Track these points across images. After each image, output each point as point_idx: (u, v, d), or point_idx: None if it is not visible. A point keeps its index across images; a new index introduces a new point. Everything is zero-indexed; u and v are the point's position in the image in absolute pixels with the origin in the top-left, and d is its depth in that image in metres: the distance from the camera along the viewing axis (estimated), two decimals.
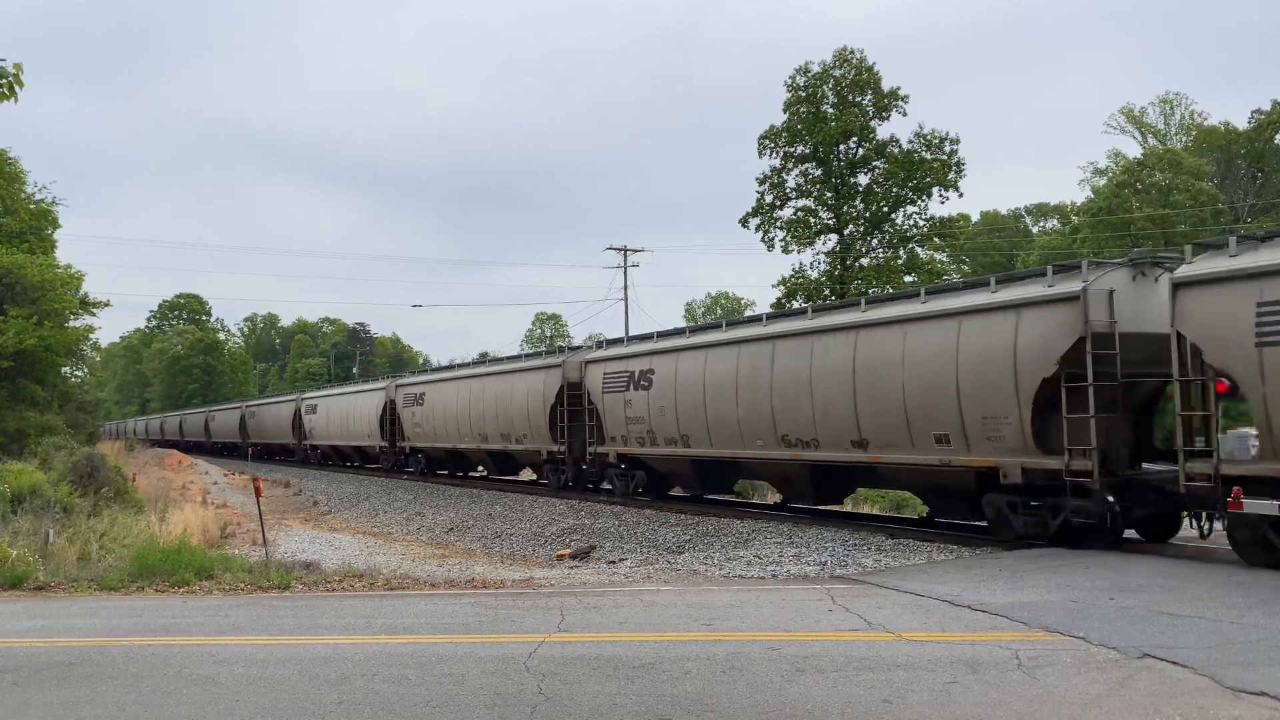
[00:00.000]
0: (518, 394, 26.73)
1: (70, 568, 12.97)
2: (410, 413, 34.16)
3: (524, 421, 26.28)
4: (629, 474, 22.32)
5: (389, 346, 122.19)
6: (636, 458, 21.93)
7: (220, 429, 65.01)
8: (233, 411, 63.16)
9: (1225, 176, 53.92)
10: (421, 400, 33.37)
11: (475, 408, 29.09)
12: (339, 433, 42.39)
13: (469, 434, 29.64)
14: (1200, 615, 8.27)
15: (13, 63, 5.86)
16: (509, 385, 27.39)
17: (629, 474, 22.32)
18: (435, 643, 8.19)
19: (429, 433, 32.80)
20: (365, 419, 38.64)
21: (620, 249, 52.35)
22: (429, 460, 34.26)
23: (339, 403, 42.70)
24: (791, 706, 6.05)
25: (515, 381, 27.17)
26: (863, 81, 40.48)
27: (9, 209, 36.99)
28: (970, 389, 13.80)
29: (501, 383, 27.89)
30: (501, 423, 27.57)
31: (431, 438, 32.71)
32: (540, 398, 25.33)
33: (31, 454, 28.10)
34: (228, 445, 62.52)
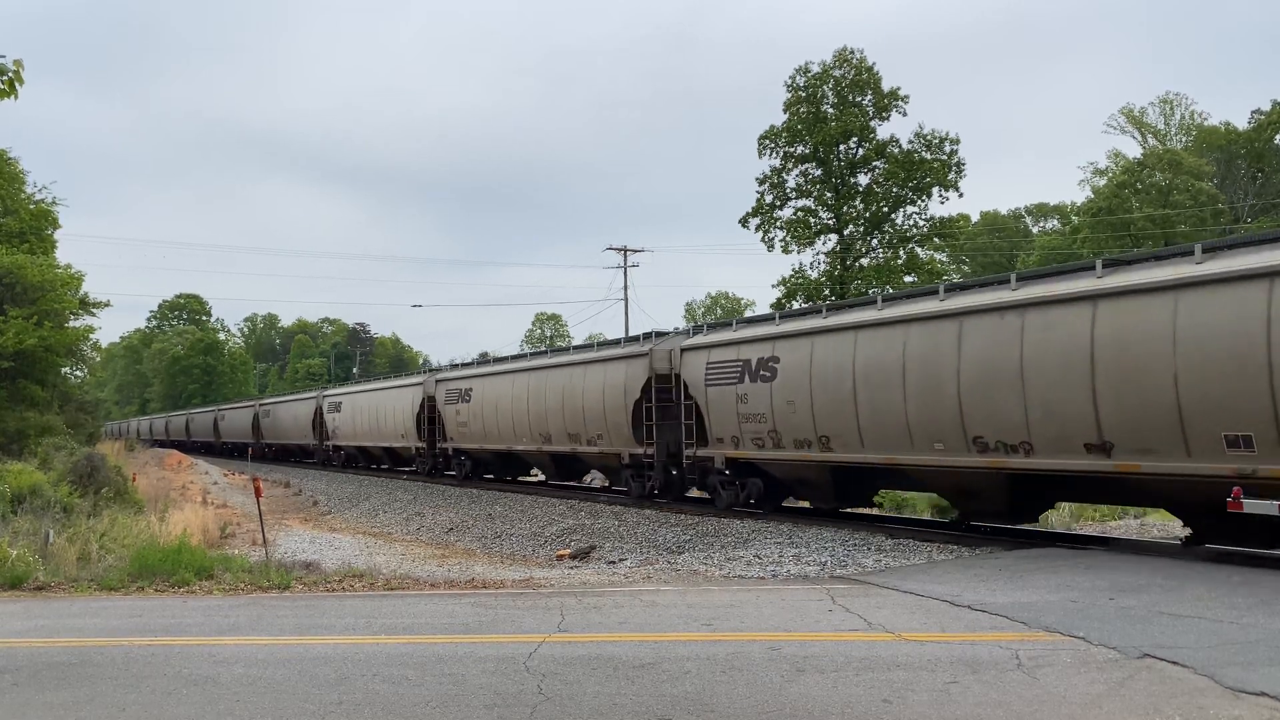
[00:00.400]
0: (592, 388, 23.06)
1: (70, 568, 12.97)
2: (453, 410, 30.59)
3: (598, 419, 22.73)
4: (739, 482, 18.88)
5: (389, 346, 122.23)
6: (751, 463, 18.45)
7: (231, 429, 62.05)
8: (245, 410, 60.33)
9: (1225, 176, 53.93)
10: (468, 396, 29.74)
11: (536, 404, 25.49)
12: (367, 433, 38.70)
13: (527, 434, 26.06)
14: (1200, 615, 8.27)
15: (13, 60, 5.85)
16: (580, 378, 23.69)
17: (739, 482, 18.88)
18: (435, 643, 8.19)
19: (476, 432, 29.21)
20: (399, 417, 34.98)
21: (620, 249, 52.41)
22: (475, 463, 30.79)
23: (367, 400, 38.78)
24: (791, 706, 6.05)
25: (589, 374, 23.39)
26: (863, 81, 40.48)
27: (9, 209, 36.99)
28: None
29: (570, 375, 24.20)
30: (570, 421, 23.96)
31: (479, 438, 29.16)
32: (621, 391, 21.75)
33: (31, 454, 28.12)
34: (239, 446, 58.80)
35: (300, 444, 48.48)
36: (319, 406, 44.75)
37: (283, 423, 50.92)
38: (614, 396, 22.09)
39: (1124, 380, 11.89)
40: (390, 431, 36.19)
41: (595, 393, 22.91)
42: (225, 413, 64.72)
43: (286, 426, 50.32)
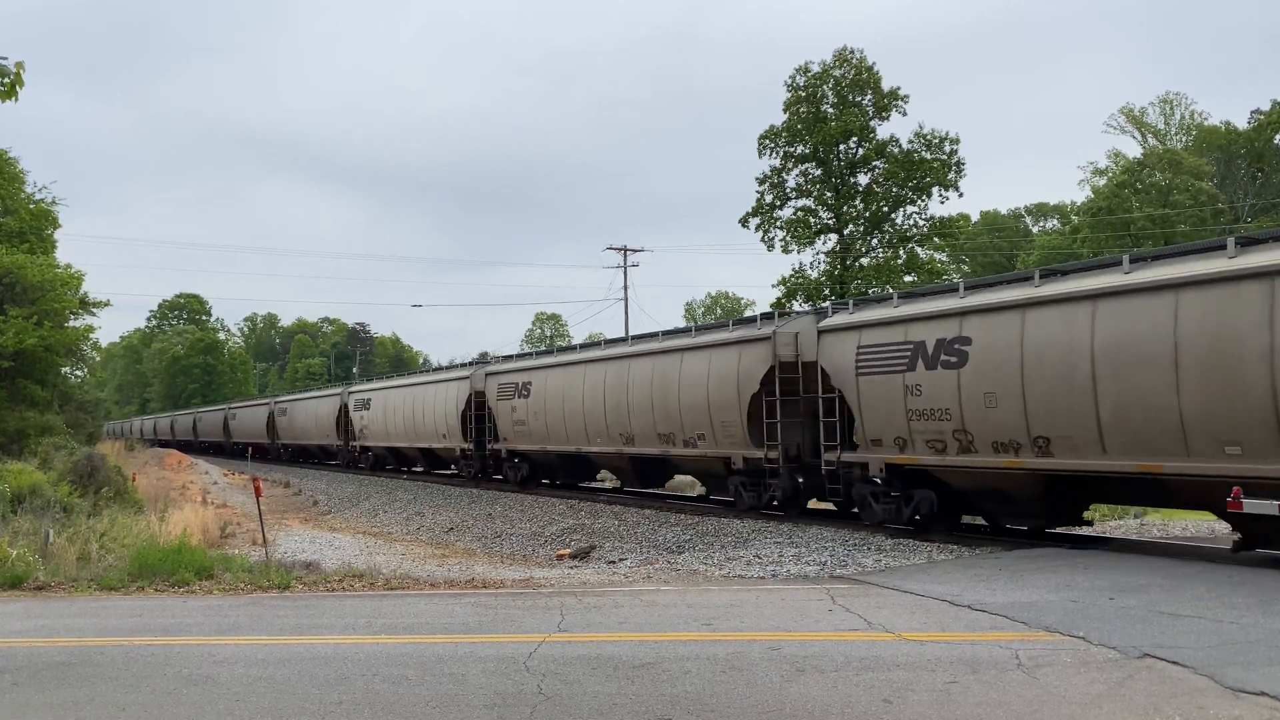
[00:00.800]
0: (692, 380, 19.42)
1: (70, 568, 12.97)
2: (508, 407, 27.02)
3: (700, 417, 19.10)
4: (900, 493, 15.52)
5: (389, 346, 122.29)
6: (923, 470, 14.98)
7: (243, 429, 58.23)
8: (258, 409, 56.55)
9: (1225, 176, 53.94)
10: (526, 391, 26.07)
11: (615, 399, 21.93)
12: (402, 432, 34.88)
13: (602, 433, 22.57)
14: (1200, 615, 8.27)
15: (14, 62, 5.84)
16: (675, 368, 20.15)
17: (900, 493, 15.52)
18: (435, 643, 8.19)
19: (536, 432, 25.52)
20: (440, 415, 31.41)
21: (620, 249, 52.39)
22: (533, 466, 26.97)
23: (402, 396, 34.63)
24: (791, 706, 6.05)
25: (688, 362, 19.81)
26: (862, 81, 40.52)
27: (9, 209, 37.03)
28: None
29: (662, 365, 20.58)
30: (660, 419, 20.34)
31: (540, 438, 25.40)
32: (733, 383, 18.20)
33: (31, 454, 28.14)
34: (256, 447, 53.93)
35: (321, 444, 45.10)
36: (344, 404, 41.12)
37: (302, 422, 47.23)
38: (723, 389, 18.65)
39: None
40: (430, 431, 32.47)
41: (697, 385, 19.42)
42: (236, 411, 61.34)
43: (306, 426, 46.61)
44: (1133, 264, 12.52)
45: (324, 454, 45.71)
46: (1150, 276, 11.94)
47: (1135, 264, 12.51)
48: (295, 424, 48.47)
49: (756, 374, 17.78)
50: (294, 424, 48.76)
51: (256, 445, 53.55)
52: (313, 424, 45.71)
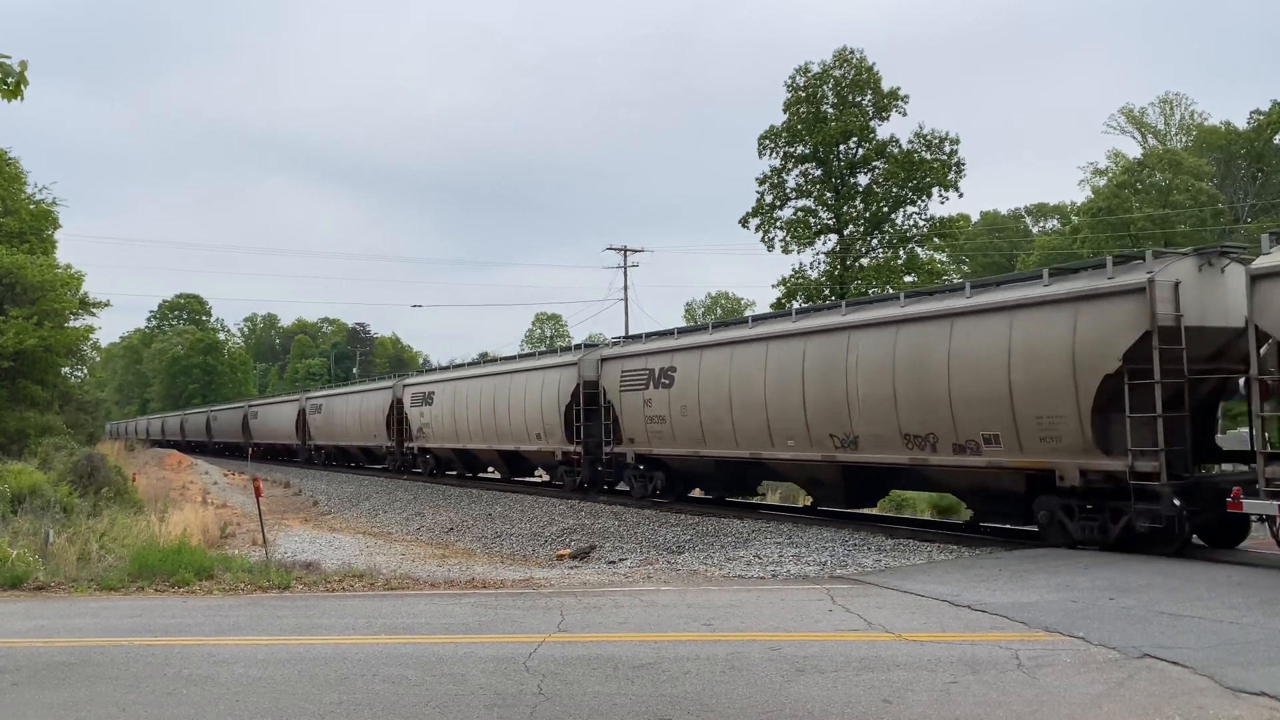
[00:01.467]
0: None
1: (70, 568, 12.97)
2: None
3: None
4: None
5: (389, 346, 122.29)
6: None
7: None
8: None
9: (1225, 176, 53.94)
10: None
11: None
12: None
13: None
14: (1200, 615, 8.27)
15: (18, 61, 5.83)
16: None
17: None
18: (435, 643, 8.20)
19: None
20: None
21: (620, 249, 52.37)
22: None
23: (479, 388, 28.94)
24: (791, 706, 6.05)
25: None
26: (862, 81, 40.50)
27: (9, 209, 37.03)
28: None
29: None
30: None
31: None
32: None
33: (31, 454, 28.13)
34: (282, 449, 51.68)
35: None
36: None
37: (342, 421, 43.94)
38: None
39: None
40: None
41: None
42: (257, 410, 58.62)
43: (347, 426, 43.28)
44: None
45: (368, 457, 41.23)
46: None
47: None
48: (333, 422, 43.28)
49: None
50: (331, 422, 43.57)
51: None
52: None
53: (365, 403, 39.48)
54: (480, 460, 31.58)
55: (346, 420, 41.85)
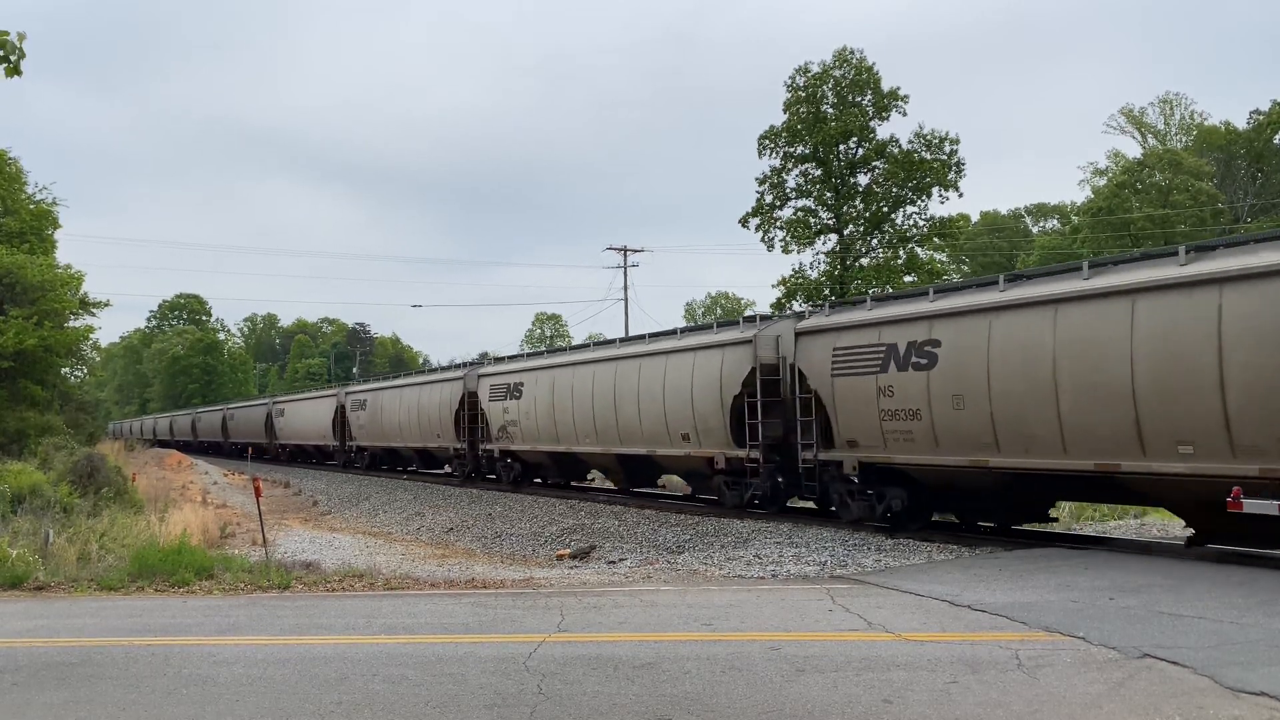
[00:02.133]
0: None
1: (70, 568, 12.98)
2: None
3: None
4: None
5: (389, 346, 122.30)
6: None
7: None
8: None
9: (1225, 176, 53.93)
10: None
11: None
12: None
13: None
14: (1200, 615, 8.27)
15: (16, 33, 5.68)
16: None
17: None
18: (435, 643, 8.20)
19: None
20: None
21: (620, 249, 52.39)
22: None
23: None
24: (791, 706, 6.05)
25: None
26: (862, 81, 40.49)
27: (9, 209, 37.06)
28: None
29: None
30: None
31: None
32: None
33: (31, 454, 28.15)
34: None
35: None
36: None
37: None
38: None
39: None
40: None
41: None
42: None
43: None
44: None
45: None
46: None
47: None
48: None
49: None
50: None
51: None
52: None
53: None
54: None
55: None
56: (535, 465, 26.87)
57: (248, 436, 55.98)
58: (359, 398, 39.88)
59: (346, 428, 40.93)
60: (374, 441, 38.13)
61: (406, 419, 34.16)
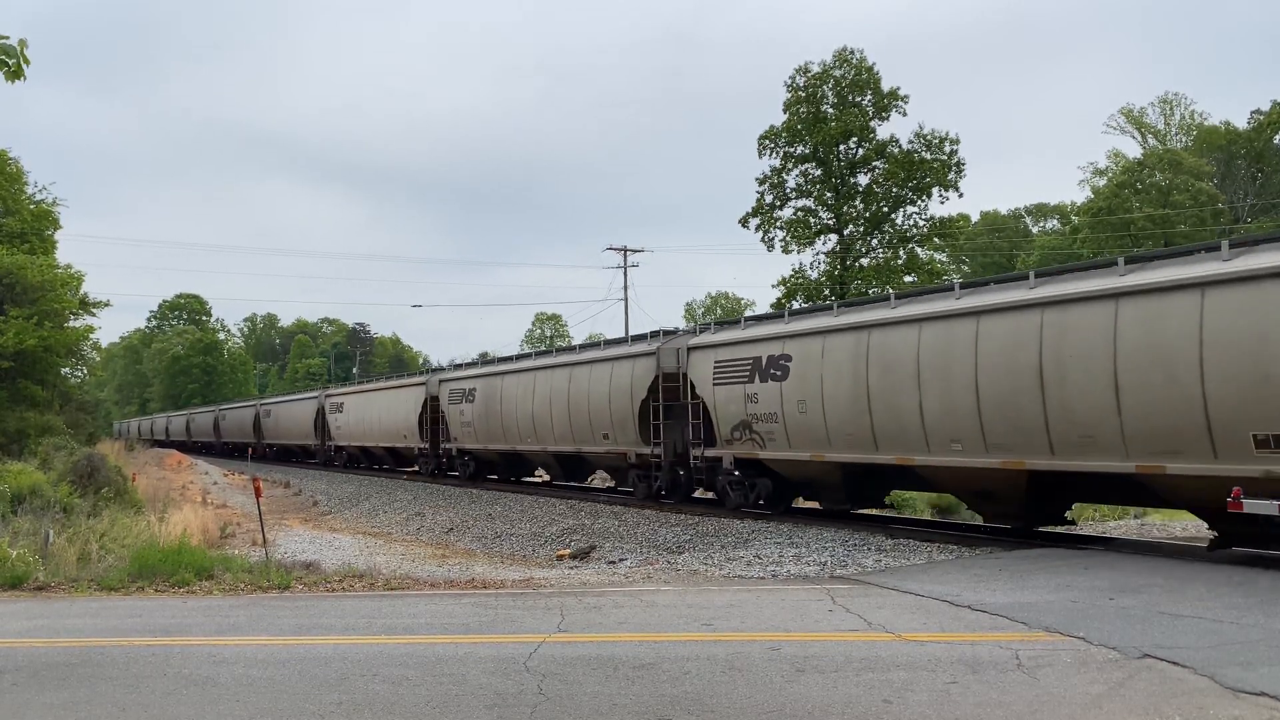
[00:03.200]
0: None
1: (70, 568, 12.97)
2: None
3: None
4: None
5: (389, 346, 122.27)
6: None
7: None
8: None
9: (1225, 176, 53.93)
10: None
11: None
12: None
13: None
14: (1200, 615, 8.27)
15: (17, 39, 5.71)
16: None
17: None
18: (435, 643, 8.20)
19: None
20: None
21: (620, 249, 52.37)
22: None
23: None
24: (792, 706, 6.05)
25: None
26: (862, 81, 40.48)
27: (10, 209, 37.07)
28: None
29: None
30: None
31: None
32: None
33: (31, 454, 28.14)
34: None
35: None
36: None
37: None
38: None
39: None
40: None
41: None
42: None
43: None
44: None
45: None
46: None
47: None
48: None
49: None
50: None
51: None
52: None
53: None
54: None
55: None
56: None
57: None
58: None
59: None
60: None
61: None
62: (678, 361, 20.14)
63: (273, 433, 52.19)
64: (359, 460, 41.66)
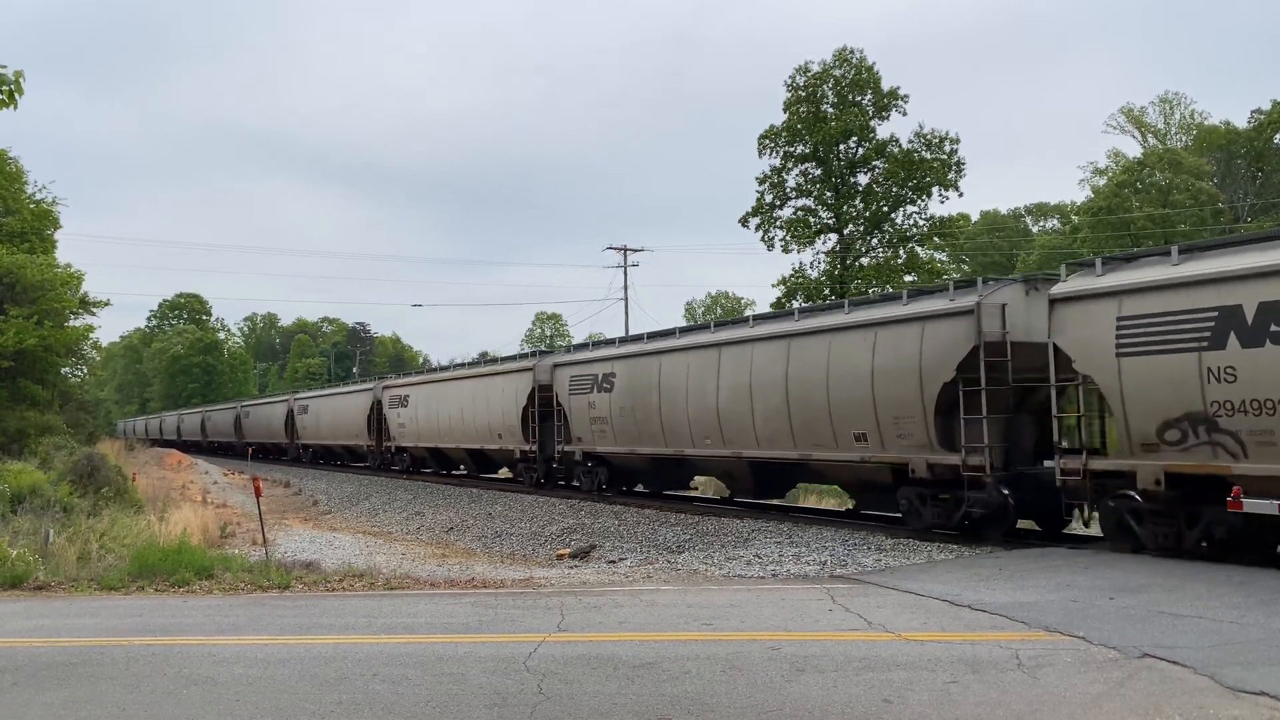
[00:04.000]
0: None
1: (70, 567, 12.97)
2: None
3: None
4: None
5: (389, 346, 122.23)
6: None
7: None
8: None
9: (1225, 176, 53.91)
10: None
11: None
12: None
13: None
14: (1200, 615, 8.27)
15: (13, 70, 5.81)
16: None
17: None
18: (435, 642, 8.20)
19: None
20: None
21: (620, 249, 52.36)
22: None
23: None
24: (791, 706, 6.05)
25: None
26: (862, 81, 40.49)
27: (10, 209, 37.07)
28: None
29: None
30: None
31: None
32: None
33: (31, 454, 28.14)
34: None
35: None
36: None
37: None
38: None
39: None
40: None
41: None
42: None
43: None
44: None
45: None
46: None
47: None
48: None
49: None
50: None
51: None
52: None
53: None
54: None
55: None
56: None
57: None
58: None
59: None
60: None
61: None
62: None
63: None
64: (425, 464, 35.49)
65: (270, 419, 52.76)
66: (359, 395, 40.09)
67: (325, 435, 44.46)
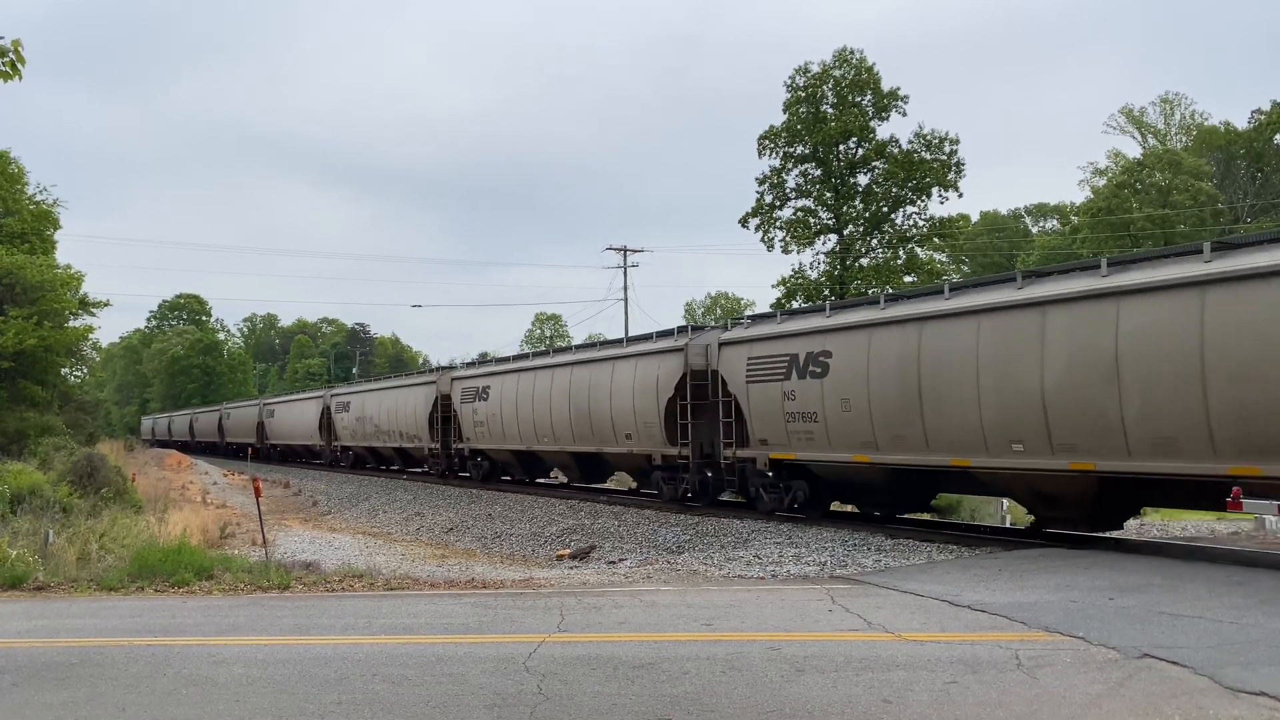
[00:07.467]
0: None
1: (70, 568, 12.97)
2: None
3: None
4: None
5: (389, 346, 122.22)
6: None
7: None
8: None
9: (1225, 176, 53.91)
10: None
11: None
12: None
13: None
14: (1200, 615, 8.27)
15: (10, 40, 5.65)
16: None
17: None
18: (435, 643, 8.19)
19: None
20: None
21: (620, 249, 52.36)
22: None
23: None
24: (791, 706, 6.05)
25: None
26: (862, 81, 40.47)
27: (10, 210, 37.07)
28: None
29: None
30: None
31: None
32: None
33: (31, 454, 28.14)
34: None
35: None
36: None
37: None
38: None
39: None
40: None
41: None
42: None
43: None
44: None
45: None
46: None
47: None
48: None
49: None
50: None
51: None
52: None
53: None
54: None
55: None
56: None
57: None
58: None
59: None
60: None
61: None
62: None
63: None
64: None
65: (301, 418, 46.82)
66: (418, 389, 33.42)
67: (371, 436, 37.80)
